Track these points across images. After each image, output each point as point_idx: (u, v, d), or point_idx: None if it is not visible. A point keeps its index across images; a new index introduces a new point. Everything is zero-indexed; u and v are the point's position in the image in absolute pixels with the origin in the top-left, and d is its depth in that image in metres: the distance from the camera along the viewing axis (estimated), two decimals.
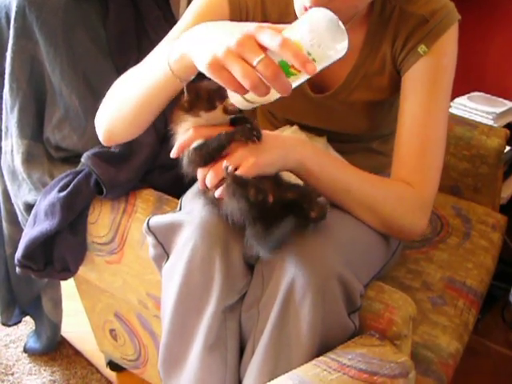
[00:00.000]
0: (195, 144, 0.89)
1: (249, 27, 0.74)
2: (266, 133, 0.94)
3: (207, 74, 0.76)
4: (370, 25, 1.07)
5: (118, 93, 1.02)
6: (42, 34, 1.24)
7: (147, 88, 0.94)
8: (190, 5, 1.08)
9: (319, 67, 0.74)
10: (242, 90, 0.75)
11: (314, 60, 0.73)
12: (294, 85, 0.77)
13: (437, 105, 1.03)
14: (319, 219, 0.91)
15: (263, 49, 0.73)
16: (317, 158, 0.96)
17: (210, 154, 0.88)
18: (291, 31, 0.75)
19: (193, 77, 0.87)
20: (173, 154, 0.91)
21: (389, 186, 1.03)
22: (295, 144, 0.96)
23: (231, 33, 0.75)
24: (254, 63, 0.71)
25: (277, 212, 0.89)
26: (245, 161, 0.88)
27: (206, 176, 0.89)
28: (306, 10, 0.95)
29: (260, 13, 1.09)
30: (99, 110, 1.06)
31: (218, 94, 0.88)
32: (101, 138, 1.07)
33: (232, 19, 1.07)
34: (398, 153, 1.05)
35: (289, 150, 0.94)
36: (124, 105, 0.99)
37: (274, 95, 0.78)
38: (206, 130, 0.89)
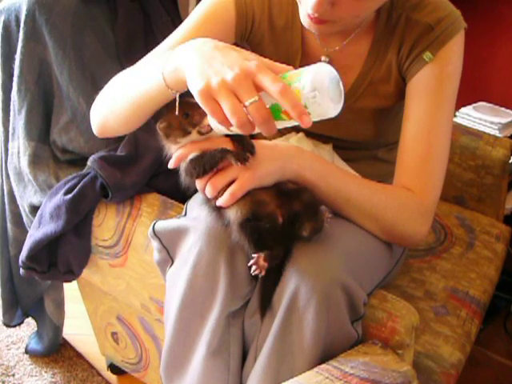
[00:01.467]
0: (191, 156, 0.89)
1: (250, 63, 0.73)
2: (262, 144, 0.94)
3: (196, 99, 0.76)
4: (375, 33, 1.07)
5: (113, 92, 1.02)
6: (51, 37, 1.25)
7: (140, 93, 0.93)
8: (197, 7, 1.08)
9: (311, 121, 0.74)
10: (227, 124, 0.74)
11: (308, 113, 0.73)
12: (279, 127, 0.77)
13: (441, 111, 1.03)
14: (314, 235, 0.91)
15: (258, 88, 0.72)
16: (315, 167, 0.96)
17: (204, 167, 0.89)
18: (293, 77, 0.74)
19: (185, 90, 0.85)
20: (170, 165, 0.91)
21: (390, 193, 1.03)
22: (292, 154, 0.96)
23: (231, 64, 0.74)
24: (246, 103, 0.71)
25: (285, 229, 0.90)
26: (240, 175, 0.89)
27: (205, 188, 0.90)
28: (309, 17, 0.95)
29: (267, 20, 1.10)
30: (95, 102, 1.06)
31: (189, 122, 0.88)
32: (94, 130, 1.08)
33: (238, 25, 1.07)
34: (401, 159, 1.05)
35: (286, 160, 0.94)
36: (117, 105, 0.99)
37: (256, 130, 0.78)
38: (203, 143, 0.89)
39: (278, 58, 1.12)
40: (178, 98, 0.87)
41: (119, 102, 0.99)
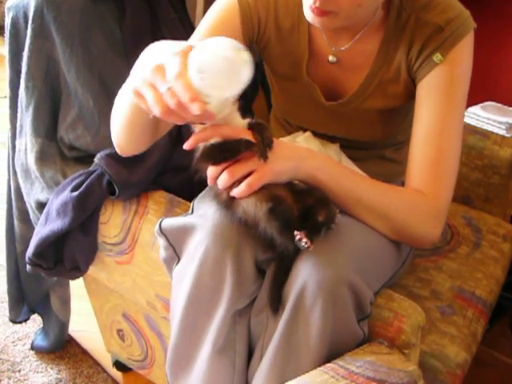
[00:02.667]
0: (213, 141, 0.88)
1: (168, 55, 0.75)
2: (280, 141, 0.95)
3: (135, 100, 0.79)
4: (385, 32, 1.07)
5: (113, 112, 1.02)
6: (58, 35, 1.25)
7: (126, 114, 0.94)
8: (204, 17, 1.09)
9: (214, 103, 0.74)
10: (166, 117, 0.76)
11: (206, 96, 0.72)
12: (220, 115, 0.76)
13: (451, 113, 1.03)
14: (327, 223, 0.91)
15: None
16: (326, 168, 0.97)
17: (224, 154, 0.88)
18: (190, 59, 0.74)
19: None
20: (186, 146, 0.89)
21: (401, 195, 1.03)
22: (306, 156, 0.96)
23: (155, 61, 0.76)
24: (163, 91, 0.73)
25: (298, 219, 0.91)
26: (259, 167, 0.89)
27: (219, 176, 0.90)
28: (312, 10, 0.95)
29: (273, 22, 1.09)
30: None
31: None
32: (117, 151, 1.08)
33: (244, 31, 1.07)
34: (412, 161, 1.05)
35: (300, 161, 0.95)
36: (118, 126, 1.00)
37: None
38: (224, 130, 0.88)
39: (285, 59, 1.12)
40: None
41: (117, 123, 1.00)
